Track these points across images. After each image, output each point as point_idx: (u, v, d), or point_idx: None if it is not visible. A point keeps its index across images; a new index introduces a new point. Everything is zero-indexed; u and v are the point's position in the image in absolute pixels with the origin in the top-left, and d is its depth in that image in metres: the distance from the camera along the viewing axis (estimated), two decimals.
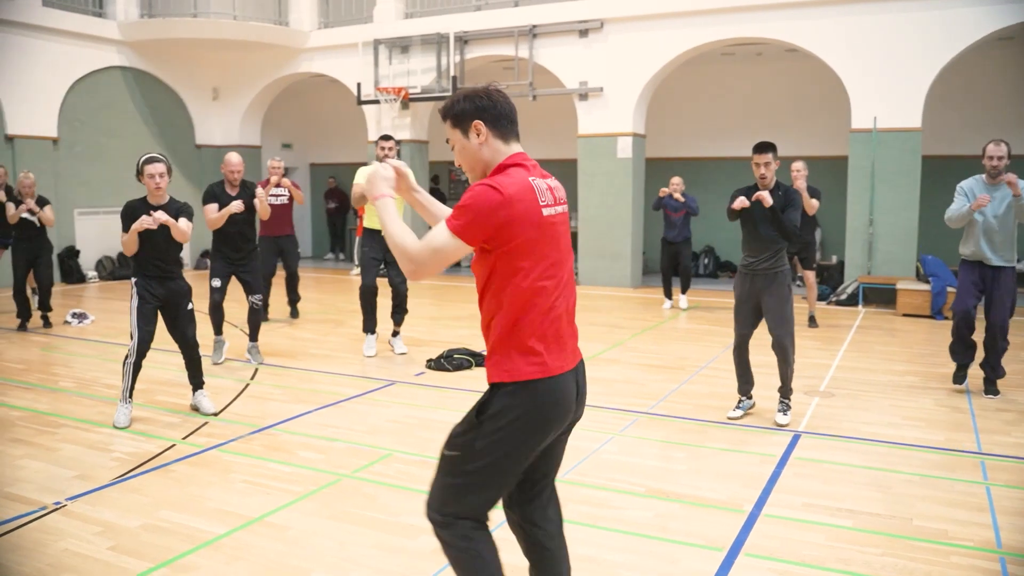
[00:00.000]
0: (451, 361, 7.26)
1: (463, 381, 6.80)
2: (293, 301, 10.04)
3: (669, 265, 10.82)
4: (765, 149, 5.49)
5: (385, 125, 14.45)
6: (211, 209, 7.04)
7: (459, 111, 2.47)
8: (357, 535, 3.79)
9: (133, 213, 5.44)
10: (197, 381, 5.91)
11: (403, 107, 14.32)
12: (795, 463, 4.78)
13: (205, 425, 5.58)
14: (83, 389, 6.57)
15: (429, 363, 7.35)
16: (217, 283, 7.33)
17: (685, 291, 10.95)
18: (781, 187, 5.57)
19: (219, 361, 7.41)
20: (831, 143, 13.44)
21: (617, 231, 12.91)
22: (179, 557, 3.56)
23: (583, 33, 12.76)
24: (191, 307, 5.74)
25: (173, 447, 5.09)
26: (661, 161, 14.54)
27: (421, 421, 5.69)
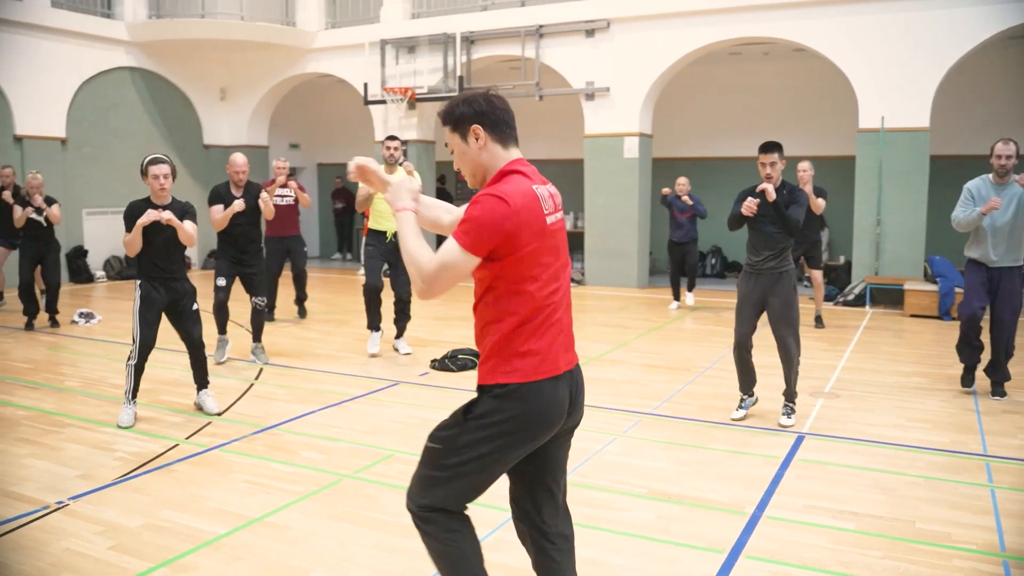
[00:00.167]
0: (455, 361, 7.25)
1: (467, 382, 6.80)
2: (300, 300, 10.05)
3: (677, 269, 10.81)
4: (771, 149, 5.47)
5: (392, 125, 14.46)
6: (216, 210, 7.08)
7: (458, 116, 2.46)
8: (357, 535, 3.79)
9: (136, 214, 5.45)
10: (202, 381, 5.92)
11: (410, 107, 14.33)
12: (798, 465, 4.76)
13: (209, 425, 5.59)
14: (89, 389, 6.59)
15: (433, 363, 7.35)
16: (222, 282, 7.35)
17: (691, 289, 10.94)
18: (787, 186, 5.55)
19: (222, 360, 7.43)
20: (838, 143, 13.38)
21: (623, 231, 12.88)
22: (179, 557, 3.57)
23: (589, 33, 12.74)
24: (196, 307, 5.75)
25: (176, 447, 5.10)
26: (668, 161, 14.50)
27: (424, 421, 5.68)
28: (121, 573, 3.42)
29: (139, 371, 5.54)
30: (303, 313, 10.05)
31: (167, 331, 6.11)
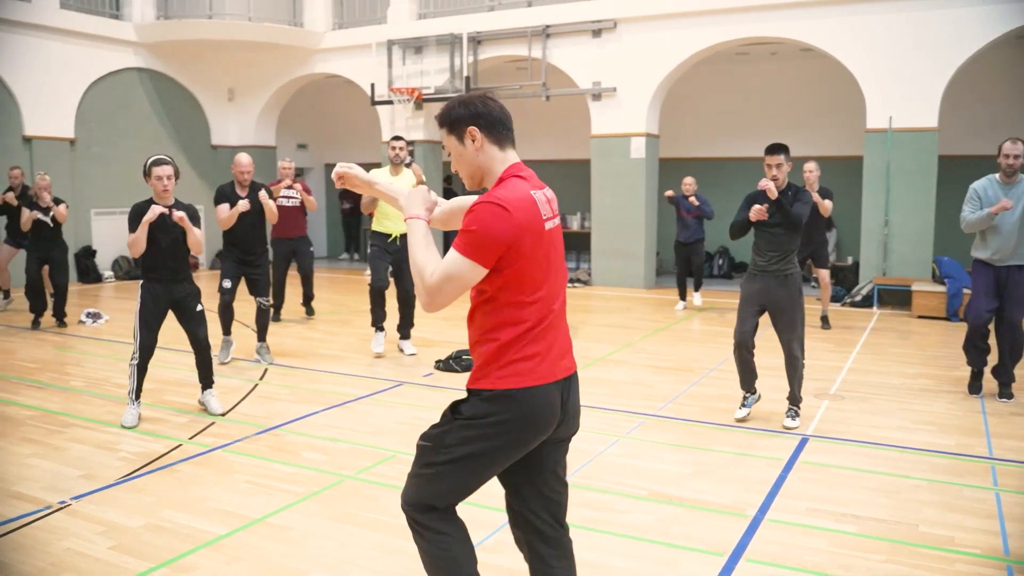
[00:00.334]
0: (460, 362, 7.25)
1: None
2: (308, 301, 10.06)
3: (684, 268, 10.78)
4: (777, 151, 5.45)
5: (399, 126, 14.48)
6: (223, 209, 7.10)
7: (454, 117, 2.45)
8: (357, 536, 3.79)
9: (142, 215, 5.47)
10: (207, 381, 5.93)
11: (416, 108, 14.33)
12: (801, 467, 4.73)
13: (212, 425, 5.60)
14: (94, 389, 6.62)
15: (438, 364, 7.35)
16: (227, 284, 7.36)
17: (698, 289, 10.91)
18: (792, 188, 5.53)
19: (225, 361, 7.44)
20: (846, 143, 13.32)
21: (630, 232, 12.86)
22: (179, 557, 3.57)
23: (596, 33, 12.72)
24: (200, 308, 5.76)
25: (179, 447, 5.12)
26: (675, 161, 14.46)
27: (427, 422, 5.59)
28: (121, 573, 3.43)
29: (141, 371, 5.56)
30: (311, 312, 10.07)
31: (172, 331, 6.14)
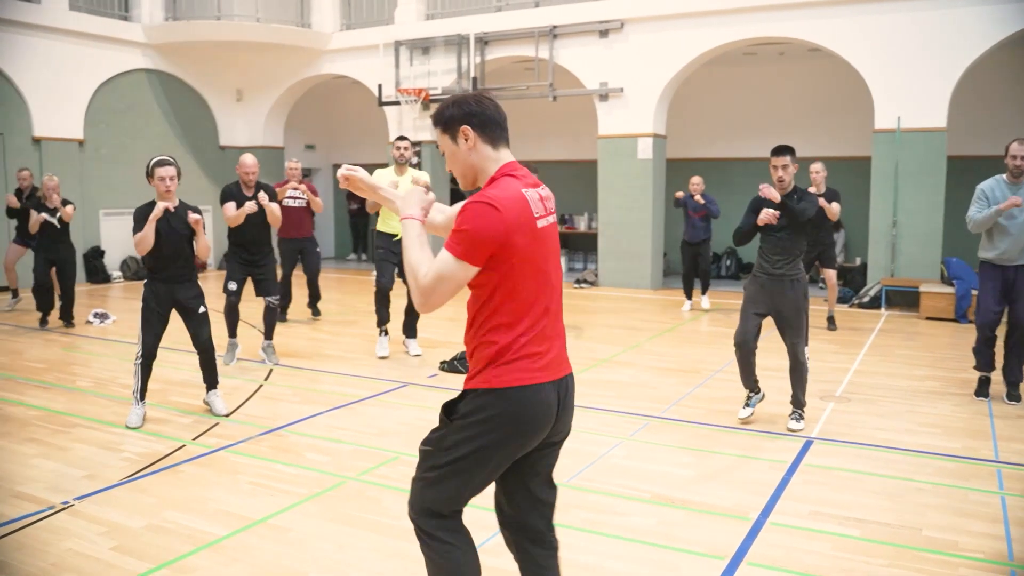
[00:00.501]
0: (464, 363, 7.24)
1: None
2: (314, 302, 10.06)
3: (690, 267, 10.75)
4: (783, 152, 5.43)
5: (406, 126, 14.49)
6: (230, 207, 7.10)
7: (447, 117, 2.45)
8: (356, 538, 3.79)
9: (145, 216, 5.50)
10: (212, 381, 5.94)
11: (424, 108, 14.34)
12: (805, 470, 4.71)
13: (216, 426, 5.61)
14: (100, 389, 6.64)
15: (442, 365, 7.35)
16: (233, 286, 7.36)
17: (705, 291, 10.87)
18: (798, 191, 5.50)
19: (230, 363, 7.44)
20: (854, 143, 13.25)
21: (637, 232, 12.83)
22: (180, 558, 3.58)
23: (603, 33, 12.69)
24: (203, 310, 5.77)
25: (183, 447, 5.13)
26: (682, 162, 14.42)
27: (431, 424, 5.61)
28: (122, 574, 3.43)
29: (145, 371, 5.58)
30: (316, 314, 10.07)
31: (178, 332, 6.15)
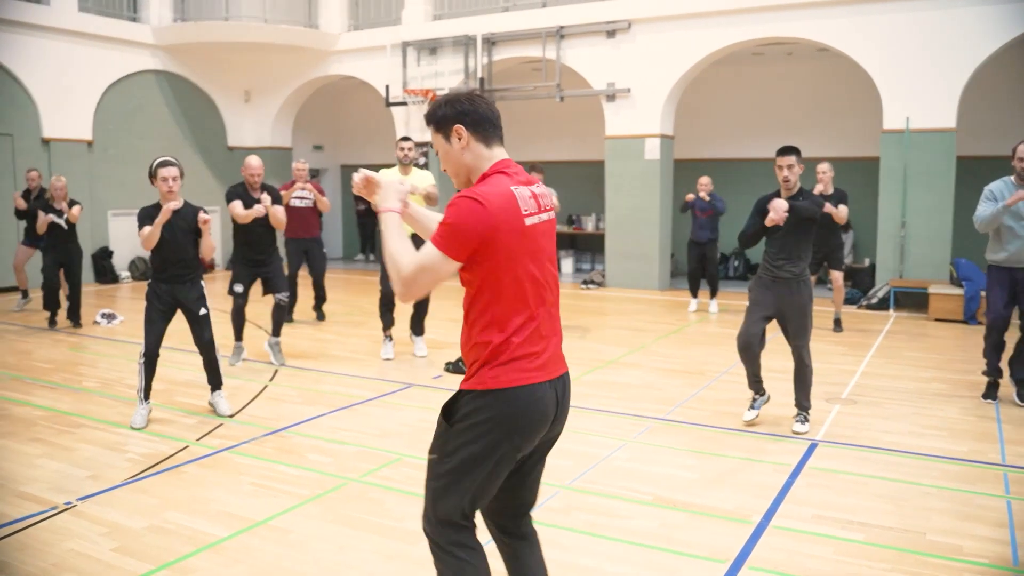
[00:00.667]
0: None
1: None
2: (319, 304, 10.04)
3: (697, 266, 10.70)
4: (788, 152, 5.40)
5: (414, 127, 14.48)
6: (237, 205, 7.10)
7: (440, 116, 2.45)
8: (357, 540, 3.79)
9: (153, 216, 5.54)
10: (216, 382, 5.95)
11: None
12: (809, 473, 4.68)
13: (220, 427, 5.62)
14: (106, 389, 6.66)
15: (447, 366, 7.34)
16: (239, 288, 7.36)
17: (714, 295, 10.80)
18: (804, 192, 5.47)
19: (235, 364, 7.44)
20: (863, 144, 13.19)
21: (645, 233, 12.80)
22: (180, 559, 3.58)
23: (611, 34, 12.67)
24: (205, 311, 5.77)
25: (186, 448, 5.14)
26: (690, 162, 14.38)
27: (434, 425, 5.65)
28: (122, 575, 3.44)
29: (148, 371, 5.59)
30: (321, 316, 10.03)
31: (183, 332, 6.16)
